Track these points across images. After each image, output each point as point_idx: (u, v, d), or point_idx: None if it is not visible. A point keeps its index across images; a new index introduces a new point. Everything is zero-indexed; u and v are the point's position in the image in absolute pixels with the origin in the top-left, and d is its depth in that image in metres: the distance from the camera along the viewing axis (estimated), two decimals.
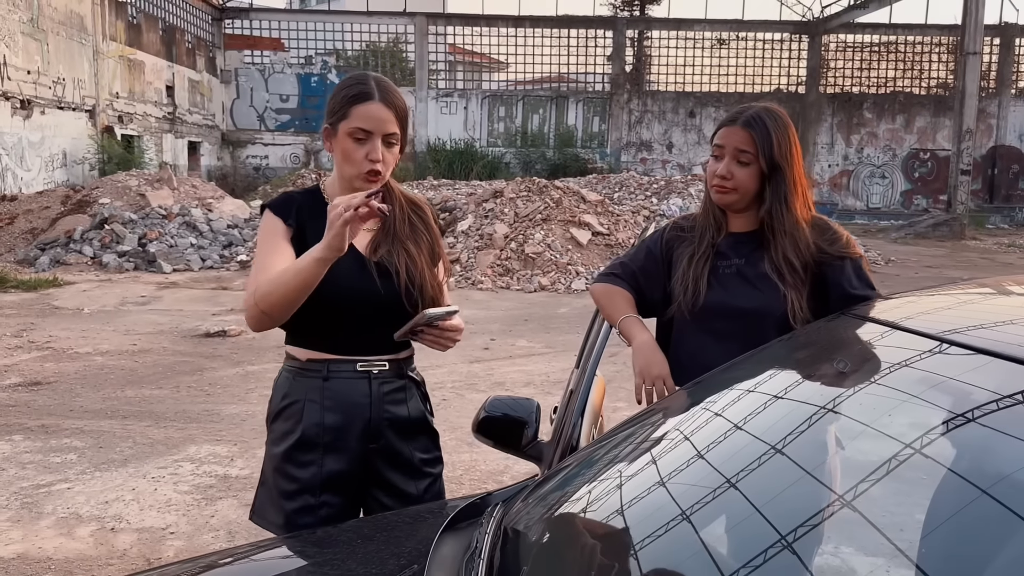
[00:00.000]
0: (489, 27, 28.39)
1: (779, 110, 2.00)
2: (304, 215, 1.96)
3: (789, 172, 1.95)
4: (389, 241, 1.96)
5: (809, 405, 1.37)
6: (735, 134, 1.95)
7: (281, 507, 1.95)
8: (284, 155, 27.17)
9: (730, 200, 1.98)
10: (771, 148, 1.93)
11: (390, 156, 1.91)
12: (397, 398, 1.98)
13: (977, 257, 16.78)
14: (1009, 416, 1.07)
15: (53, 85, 17.15)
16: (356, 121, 1.86)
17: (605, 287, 2.13)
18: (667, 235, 2.13)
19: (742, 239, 2.01)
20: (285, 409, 1.96)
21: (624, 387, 5.89)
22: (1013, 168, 28.55)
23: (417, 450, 2.02)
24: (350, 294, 1.90)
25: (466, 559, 1.39)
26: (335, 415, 1.92)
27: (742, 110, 2.00)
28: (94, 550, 3.47)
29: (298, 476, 1.93)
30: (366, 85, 1.89)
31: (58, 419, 5.26)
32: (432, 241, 2.04)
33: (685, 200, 16.26)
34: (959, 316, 1.54)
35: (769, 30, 28.87)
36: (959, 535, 0.97)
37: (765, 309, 1.91)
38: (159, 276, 11.88)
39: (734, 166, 1.95)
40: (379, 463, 1.98)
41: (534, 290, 11.28)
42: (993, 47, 27.89)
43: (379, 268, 1.93)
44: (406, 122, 1.95)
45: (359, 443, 1.94)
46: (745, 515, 1.19)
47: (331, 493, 1.94)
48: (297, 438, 1.93)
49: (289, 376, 1.98)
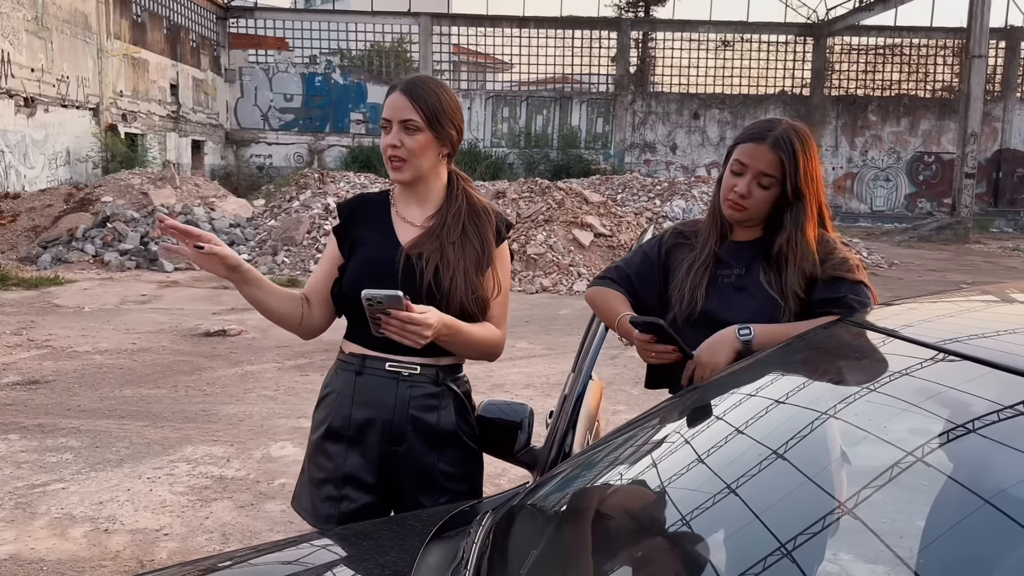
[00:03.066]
0: (493, 27, 28.39)
1: (805, 130, 1.93)
2: (360, 212, 2.04)
3: (811, 199, 1.90)
4: (431, 241, 1.95)
5: (806, 412, 1.35)
6: (762, 155, 1.87)
7: (311, 495, 2.00)
8: (288, 154, 27.19)
9: (742, 218, 1.94)
10: (796, 176, 1.87)
11: (412, 143, 1.92)
12: (428, 404, 1.94)
13: (981, 261, 16.71)
14: (1008, 428, 1.05)
15: (57, 83, 17.17)
16: (383, 112, 1.97)
17: (599, 290, 2.10)
18: (666, 242, 2.09)
19: (744, 247, 1.97)
20: (324, 399, 2.02)
21: (624, 389, 5.86)
22: (1018, 172, 28.47)
23: (443, 463, 1.97)
24: (369, 271, 1.93)
25: (452, 570, 1.36)
26: (362, 410, 1.94)
27: (769, 127, 1.91)
28: (87, 551, 3.45)
29: (324, 465, 1.98)
30: (398, 81, 1.99)
31: (55, 418, 5.24)
32: (480, 252, 1.97)
33: (688, 202, 16.22)
34: (959, 325, 1.52)
35: (774, 32, 28.83)
36: (958, 544, 0.97)
37: (761, 319, 1.87)
38: (160, 275, 11.88)
39: (754, 187, 1.89)
40: (400, 468, 1.96)
41: (536, 291, 11.25)
42: (999, 50, 27.82)
43: (407, 261, 1.93)
44: (437, 114, 1.93)
45: (380, 442, 1.94)
46: (742, 522, 1.17)
47: (353, 488, 1.95)
48: (326, 428, 1.98)
49: (334, 368, 2.04)
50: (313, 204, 14.04)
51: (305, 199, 14.52)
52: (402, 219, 2.01)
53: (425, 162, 1.94)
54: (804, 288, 1.88)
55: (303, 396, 5.84)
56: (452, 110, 1.96)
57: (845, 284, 1.86)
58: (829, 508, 1.12)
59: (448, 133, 1.95)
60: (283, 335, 8.23)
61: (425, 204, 2.01)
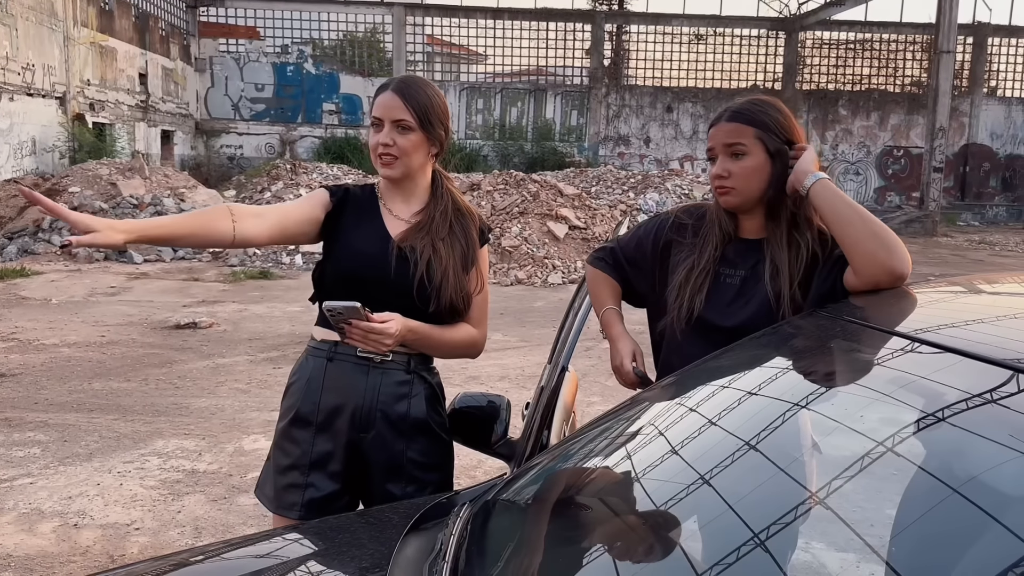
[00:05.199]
0: (467, 19, 28.24)
1: (767, 98, 1.89)
2: (349, 201, 2.04)
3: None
4: (421, 235, 2.00)
5: (780, 402, 1.36)
6: (721, 130, 1.85)
7: (274, 482, 2.00)
8: (259, 145, 26.88)
9: (734, 200, 1.85)
10: (765, 129, 1.81)
11: (404, 141, 1.95)
12: (398, 392, 1.97)
13: (948, 254, 16.99)
14: (977, 415, 1.07)
15: (22, 71, 16.81)
16: (373, 111, 2.00)
17: (595, 272, 2.10)
18: (666, 234, 2.00)
19: (753, 246, 1.89)
20: (291, 386, 2.03)
21: (599, 381, 5.89)
22: (984, 166, 28.92)
23: (412, 452, 1.99)
24: (361, 263, 1.95)
25: (429, 562, 1.35)
26: (331, 396, 1.95)
27: (727, 107, 1.89)
28: (56, 547, 3.40)
29: (291, 451, 1.98)
30: (389, 81, 2.02)
31: (22, 412, 5.16)
32: (467, 250, 2.04)
33: (662, 195, 16.30)
34: (930, 314, 1.54)
35: (746, 26, 28.99)
36: (929, 532, 0.98)
37: (757, 326, 1.79)
38: (129, 267, 11.71)
39: (728, 162, 1.83)
40: (368, 455, 1.97)
41: (510, 284, 11.25)
42: (966, 46, 28.20)
43: (399, 253, 1.97)
44: (427, 113, 1.97)
45: (348, 429, 1.95)
46: (717, 512, 1.19)
47: (319, 474, 1.96)
48: (294, 414, 1.98)
49: (304, 355, 2.05)
50: (285, 195, 13.92)
51: (277, 190, 14.39)
52: (390, 212, 2.05)
53: (415, 160, 1.99)
54: (806, 273, 1.82)
55: (275, 389, 5.79)
56: (442, 110, 2.02)
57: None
58: (803, 498, 1.14)
59: (438, 133, 2.00)
60: (255, 328, 8.20)
61: (411, 200, 2.07)
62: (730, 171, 1.83)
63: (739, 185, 1.83)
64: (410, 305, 1.94)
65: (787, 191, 1.82)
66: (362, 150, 24.58)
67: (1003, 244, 19.78)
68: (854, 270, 1.69)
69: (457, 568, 1.29)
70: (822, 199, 1.74)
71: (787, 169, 1.82)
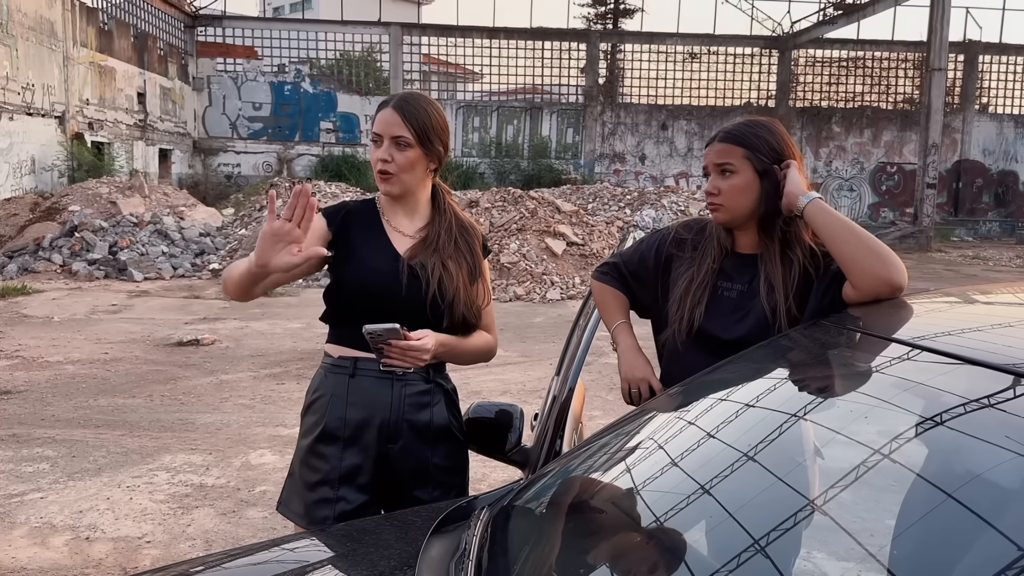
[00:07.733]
0: (464, 38, 28.48)
1: (762, 119, 1.97)
2: (352, 220, 2.08)
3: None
4: (428, 252, 2.05)
5: (782, 412, 1.41)
6: (714, 150, 1.94)
7: (303, 498, 2.03)
8: (256, 163, 26.99)
9: (723, 217, 1.94)
10: (754, 149, 1.88)
11: (402, 158, 2.00)
12: (421, 402, 2.03)
13: (942, 269, 17.10)
14: (977, 420, 1.12)
15: (22, 91, 16.92)
16: (374, 127, 2.04)
17: (601, 287, 2.17)
18: (667, 248, 2.08)
19: (749, 261, 1.96)
20: (314, 403, 2.06)
21: (599, 395, 5.94)
22: (977, 182, 29.16)
23: (437, 457, 2.06)
24: (374, 281, 1.99)
25: (455, 561, 1.41)
26: (357, 411, 2.00)
27: (722, 128, 1.98)
28: (69, 559, 3.44)
29: (319, 467, 2.01)
30: (391, 97, 2.05)
31: (29, 428, 5.20)
32: (473, 264, 2.10)
33: (658, 211, 16.41)
34: (929, 323, 1.61)
35: (740, 44, 29.27)
36: (929, 538, 1.00)
37: (756, 339, 1.86)
38: (130, 284, 11.75)
39: (718, 180, 1.92)
40: (396, 464, 2.02)
41: (509, 300, 11.31)
42: (958, 63, 28.50)
43: (410, 271, 2.02)
44: (426, 130, 2.01)
45: (377, 441, 2.00)
46: (721, 520, 1.22)
47: (349, 488, 2.00)
48: (320, 430, 2.01)
49: (322, 372, 2.08)
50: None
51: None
52: (394, 228, 2.09)
53: (414, 176, 2.04)
54: (801, 286, 1.88)
55: (280, 405, 5.84)
56: (441, 127, 2.05)
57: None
58: (804, 506, 1.18)
59: (436, 149, 2.05)
60: (257, 344, 8.24)
61: (413, 216, 2.11)
62: (719, 188, 1.92)
63: (727, 202, 1.92)
64: (423, 321, 1.99)
65: (783, 212, 1.90)
66: (359, 168, 24.70)
67: (996, 259, 19.92)
68: (853, 284, 1.77)
69: (481, 566, 1.35)
70: (818, 220, 1.82)
71: (778, 187, 1.89)
